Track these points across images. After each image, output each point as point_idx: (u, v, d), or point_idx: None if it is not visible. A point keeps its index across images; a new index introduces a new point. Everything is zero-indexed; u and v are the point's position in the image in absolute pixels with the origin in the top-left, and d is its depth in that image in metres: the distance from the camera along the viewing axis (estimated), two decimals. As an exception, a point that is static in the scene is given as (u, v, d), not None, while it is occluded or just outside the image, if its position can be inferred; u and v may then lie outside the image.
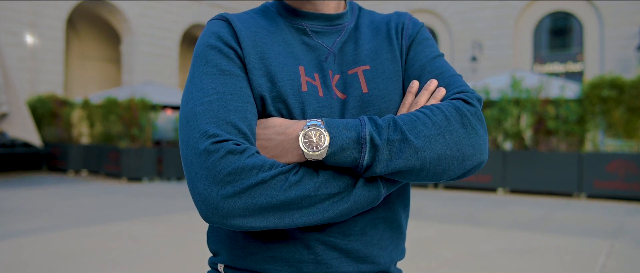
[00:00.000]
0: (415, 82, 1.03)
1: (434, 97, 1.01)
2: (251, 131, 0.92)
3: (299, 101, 0.97)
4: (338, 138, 0.87)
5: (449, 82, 1.02)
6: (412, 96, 1.03)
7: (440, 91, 1.01)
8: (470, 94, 0.98)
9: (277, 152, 0.92)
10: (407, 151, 0.88)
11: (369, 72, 1.03)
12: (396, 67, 1.05)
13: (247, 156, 0.87)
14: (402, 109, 1.02)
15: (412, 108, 1.01)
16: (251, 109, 0.94)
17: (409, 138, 0.88)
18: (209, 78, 0.95)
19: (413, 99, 1.02)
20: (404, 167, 0.89)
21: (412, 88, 1.03)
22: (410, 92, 1.03)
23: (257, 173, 0.86)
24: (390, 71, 1.04)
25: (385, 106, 1.01)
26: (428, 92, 1.01)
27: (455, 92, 0.99)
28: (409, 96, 1.03)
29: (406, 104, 1.02)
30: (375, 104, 1.00)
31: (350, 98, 1.01)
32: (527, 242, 5.81)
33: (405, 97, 1.03)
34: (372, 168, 0.88)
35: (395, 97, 1.02)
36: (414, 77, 1.05)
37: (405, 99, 1.03)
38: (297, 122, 0.93)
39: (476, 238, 6.03)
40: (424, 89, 1.02)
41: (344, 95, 1.01)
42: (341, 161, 0.87)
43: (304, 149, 0.87)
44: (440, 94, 1.00)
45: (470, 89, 1.00)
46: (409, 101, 1.02)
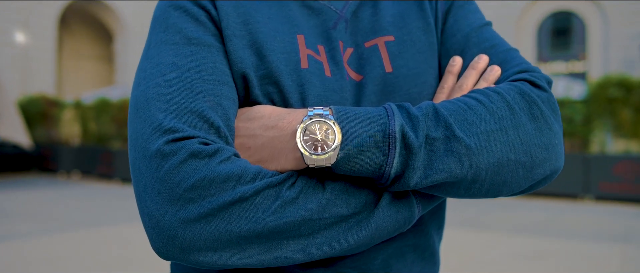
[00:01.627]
0: (458, 59, 0.74)
1: (485, 79, 0.72)
2: (227, 125, 0.63)
3: (296, 82, 0.68)
4: (354, 134, 0.58)
5: (505, 58, 0.74)
6: (453, 77, 0.74)
7: (493, 70, 0.72)
8: (537, 74, 0.70)
9: (264, 155, 0.63)
10: (455, 155, 0.60)
11: (393, 45, 0.74)
12: (430, 38, 0.76)
13: (219, 160, 0.58)
14: (439, 96, 0.74)
15: (454, 94, 0.72)
16: (228, 93, 0.66)
17: (458, 135, 0.60)
18: (169, 49, 0.67)
19: (455, 81, 0.74)
20: (451, 177, 0.60)
21: (453, 66, 0.74)
22: (451, 72, 0.74)
23: (235, 186, 0.57)
24: (422, 44, 0.75)
25: (416, 91, 0.72)
26: (476, 71, 0.73)
27: (516, 72, 0.71)
28: (449, 78, 0.74)
29: (445, 89, 0.73)
30: (402, 87, 0.72)
31: (369, 79, 0.72)
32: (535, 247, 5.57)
33: (443, 78, 0.75)
34: (404, 178, 0.59)
35: (429, 79, 0.74)
36: (456, 52, 0.76)
37: (444, 81, 0.74)
38: (294, 111, 0.64)
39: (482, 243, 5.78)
40: (470, 67, 0.73)
41: (360, 75, 0.73)
42: (358, 169, 0.59)
43: (304, 151, 0.58)
44: (493, 74, 0.72)
45: (536, 67, 0.72)
46: (449, 83, 0.74)
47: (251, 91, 0.68)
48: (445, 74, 0.75)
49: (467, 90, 0.73)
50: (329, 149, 0.59)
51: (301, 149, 0.59)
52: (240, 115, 0.68)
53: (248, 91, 0.69)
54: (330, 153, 0.59)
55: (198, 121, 0.62)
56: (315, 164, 0.60)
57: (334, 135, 0.59)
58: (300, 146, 0.59)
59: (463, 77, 0.74)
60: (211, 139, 0.62)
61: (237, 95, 0.68)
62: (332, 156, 0.59)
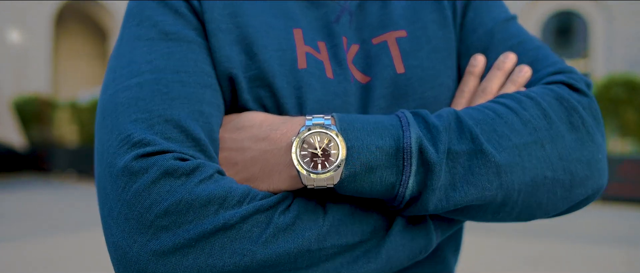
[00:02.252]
0: (480, 58, 0.64)
1: (513, 82, 0.62)
2: (210, 136, 0.53)
3: (293, 85, 0.58)
4: (361, 148, 0.48)
5: (536, 57, 0.63)
6: (475, 79, 0.64)
7: (522, 70, 0.62)
8: (575, 76, 0.59)
9: (254, 172, 0.53)
10: (482, 173, 0.50)
11: (405, 42, 0.64)
12: (447, 34, 0.66)
13: (198, 179, 0.48)
14: (459, 101, 0.63)
15: (476, 99, 0.62)
16: (211, 98, 0.55)
17: (487, 150, 0.50)
18: (143, 46, 0.56)
19: (477, 83, 0.64)
20: (477, 199, 0.50)
21: (475, 67, 0.64)
22: (472, 74, 0.64)
23: (218, 210, 0.47)
24: (438, 40, 0.65)
25: (431, 95, 0.62)
26: (503, 72, 0.62)
27: (550, 73, 0.60)
28: (470, 79, 0.64)
29: (466, 93, 0.63)
30: (416, 91, 0.62)
31: (377, 82, 0.62)
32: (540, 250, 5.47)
33: (463, 80, 0.64)
34: (421, 201, 0.49)
35: (446, 81, 0.64)
36: (477, 50, 0.66)
37: (464, 83, 0.64)
38: (289, 120, 0.54)
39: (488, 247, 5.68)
40: (495, 68, 0.63)
41: (367, 77, 0.62)
42: (367, 189, 0.49)
43: (301, 169, 0.48)
44: (523, 76, 0.62)
45: (572, 67, 0.61)
46: (470, 86, 0.63)
47: (239, 95, 0.58)
48: (465, 75, 0.65)
49: (492, 94, 0.62)
50: (331, 166, 0.49)
51: (297, 166, 0.49)
52: (226, 124, 0.58)
53: (235, 95, 0.58)
54: (333, 171, 0.49)
55: (174, 131, 0.52)
56: (315, 185, 0.50)
57: (337, 149, 0.49)
58: (296, 162, 0.49)
59: (487, 80, 0.63)
60: (190, 153, 0.51)
61: (223, 100, 0.58)
62: (335, 174, 0.49)
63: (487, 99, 0.62)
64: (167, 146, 0.50)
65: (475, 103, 0.62)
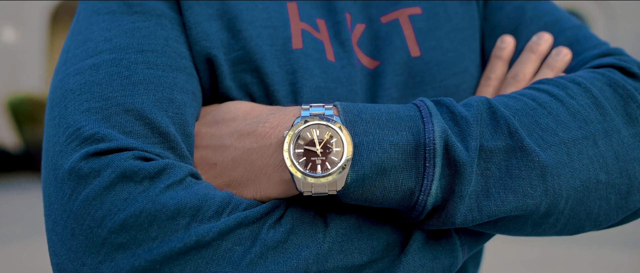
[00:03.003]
0: (509, 39, 0.54)
1: (549, 67, 0.52)
2: (182, 129, 0.43)
3: (286, 69, 0.48)
4: (372, 144, 0.38)
5: (576, 37, 0.53)
6: (503, 63, 0.53)
7: (560, 53, 0.52)
8: (627, 58, 0.49)
9: (236, 175, 0.43)
10: (524, 175, 0.40)
11: (420, 20, 0.53)
12: (469, 11, 0.55)
13: (165, 184, 0.38)
14: (484, 89, 0.53)
15: (507, 87, 0.52)
16: (185, 84, 0.45)
17: (529, 147, 0.39)
18: (102, 21, 0.46)
19: (505, 69, 0.53)
20: (516, 209, 0.40)
21: (503, 50, 0.54)
22: (500, 58, 0.53)
23: (189, 224, 0.37)
24: (459, 18, 0.55)
25: (453, 83, 0.52)
26: (537, 56, 0.52)
27: (597, 55, 0.50)
28: (497, 64, 0.53)
29: (493, 80, 0.53)
30: (435, 78, 0.51)
31: (388, 66, 0.51)
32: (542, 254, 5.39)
33: (489, 65, 0.54)
34: (447, 211, 0.39)
35: (469, 67, 0.53)
36: (505, 30, 0.55)
37: (491, 69, 0.54)
38: (281, 110, 0.44)
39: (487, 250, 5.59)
40: (528, 50, 0.53)
41: (375, 61, 0.52)
42: (378, 197, 0.40)
43: (296, 171, 0.38)
44: (562, 59, 0.51)
45: (619, 48, 0.51)
46: (498, 72, 0.53)
47: (220, 80, 0.47)
48: (491, 59, 0.55)
49: (525, 82, 0.52)
50: (333, 168, 0.38)
51: (291, 167, 0.39)
52: (203, 116, 0.47)
53: (215, 81, 0.48)
54: (336, 175, 0.38)
55: (136, 124, 0.41)
56: (313, 192, 0.39)
57: (341, 146, 0.39)
58: (289, 162, 0.39)
59: (518, 64, 0.53)
60: (155, 151, 0.41)
61: (200, 87, 0.48)
62: (339, 178, 0.38)
63: (520, 87, 0.52)
64: (126, 142, 0.40)
65: (505, 92, 0.52)
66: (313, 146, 0.39)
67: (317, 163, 0.39)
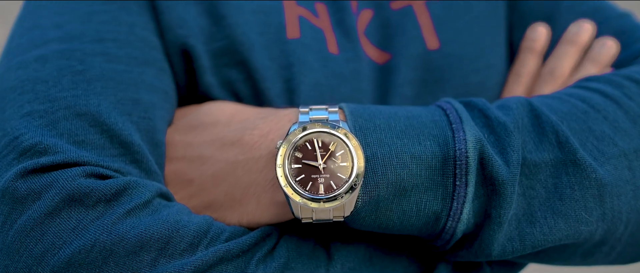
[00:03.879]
0: (541, 29, 0.45)
1: (593, 61, 0.43)
2: (150, 138, 0.34)
3: (279, 63, 0.39)
4: (389, 157, 0.31)
5: (622, 28, 0.45)
6: (535, 57, 0.45)
7: (605, 45, 0.44)
8: None
9: (218, 195, 0.34)
10: (578, 196, 0.32)
11: (438, 7, 0.45)
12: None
13: (126, 209, 0.29)
14: (514, 88, 0.45)
15: (543, 86, 0.44)
16: (154, 80, 0.37)
17: (583, 160, 0.31)
18: (52, 3, 0.38)
19: (539, 63, 0.45)
20: (568, 237, 0.31)
21: (535, 41, 0.46)
22: (532, 50, 0.45)
23: (156, 260, 0.28)
24: (482, 6, 0.46)
25: (477, 79, 0.44)
26: (577, 48, 0.44)
27: None
28: (529, 58, 0.45)
29: (524, 76, 0.45)
30: (456, 74, 0.43)
31: (401, 60, 0.43)
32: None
33: (519, 60, 0.46)
34: (481, 241, 0.32)
35: (495, 62, 0.45)
36: (537, 18, 0.47)
37: (521, 63, 0.46)
38: (273, 113, 0.35)
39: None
40: (565, 42, 0.45)
41: (386, 54, 0.44)
42: (395, 223, 0.32)
43: (293, 192, 0.29)
44: (606, 52, 0.44)
45: None
46: (530, 67, 0.45)
47: (199, 76, 0.39)
48: (521, 52, 0.46)
49: (563, 78, 0.44)
50: (340, 188, 0.30)
51: (286, 188, 0.30)
52: (177, 120, 0.39)
53: (193, 76, 0.39)
54: (343, 197, 0.30)
55: (90, 131, 0.33)
56: (314, 218, 0.31)
57: (350, 160, 0.30)
58: (284, 181, 0.30)
59: (555, 58, 0.45)
60: (114, 166, 0.32)
61: (174, 84, 0.39)
62: (348, 202, 0.30)
63: (559, 85, 0.43)
64: (76, 154, 0.31)
65: (540, 91, 0.44)
66: (314, 160, 0.31)
67: (320, 182, 0.31)
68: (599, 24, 0.45)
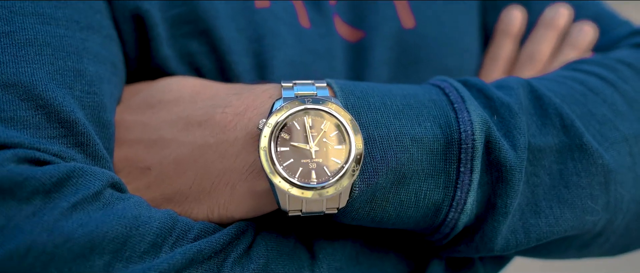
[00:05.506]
0: (517, 13, 0.43)
1: (572, 45, 0.42)
2: (96, 116, 0.28)
3: (247, 35, 0.34)
4: (387, 139, 0.27)
5: (598, 12, 0.44)
6: (512, 41, 0.43)
7: (582, 30, 0.42)
8: None
9: (182, 185, 0.28)
10: (584, 183, 0.29)
11: None
12: None
13: (70, 204, 0.23)
14: (491, 71, 0.42)
15: (522, 69, 0.41)
16: (101, 49, 0.30)
17: (589, 144, 0.29)
18: None
19: (515, 47, 0.43)
20: (572, 228, 0.29)
21: (510, 24, 0.43)
22: (508, 34, 0.43)
23: (110, 265, 0.22)
24: None
25: (454, 63, 0.41)
26: (555, 31, 0.42)
27: (631, 33, 0.41)
28: (505, 42, 0.43)
29: (501, 60, 0.43)
30: (434, 56, 0.40)
31: (375, 39, 0.39)
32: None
33: (494, 43, 0.44)
34: (483, 234, 0.29)
35: (471, 45, 0.43)
36: (511, 0, 0.45)
37: (497, 47, 0.44)
38: (248, 89, 0.30)
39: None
40: (543, 25, 0.43)
41: (359, 31, 0.40)
42: (391, 216, 0.29)
43: (280, 179, 0.25)
44: (584, 37, 0.42)
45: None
46: (506, 51, 0.43)
47: (154, 47, 0.33)
48: (497, 36, 0.44)
49: (543, 63, 0.42)
50: (335, 175, 0.26)
51: (272, 175, 0.25)
52: (129, 97, 0.33)
53: (147, 47, 0.33)
54: (340, 184, 0.26)
55: (22, 107, 0.26)
56: (304, 210, 0.27)
57: (346, 143, 0.26)
58: (269, 167, 0.25)
59: (533, 42, 0.43)
60: (53, 149, 0.26)
61: (122, 55, 0.33)
62: (343, 190, 0.26)
63: (539, 69, 0.41)
64: (4, 135, 0.25)
65: (521, 75, 0.42)
66: (304, 142, 0.26)
67: (311, 167, 0.26)
68: (575, 9, 0.43)
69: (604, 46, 0.41)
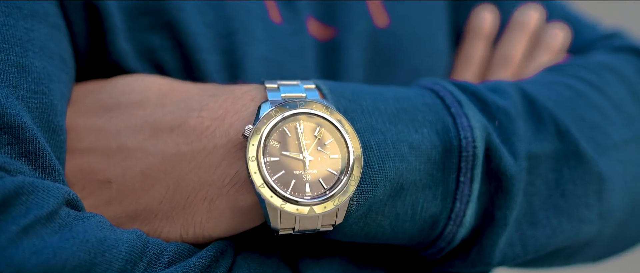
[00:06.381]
0: (487, 13, 0.42)
1: (545, 47, 0.41)
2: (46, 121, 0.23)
3: (217, 30, 0.31)
4: (385, 147, 0.24)
5: (567, 14, 0.44)
6: (483, 42, 0.42)
7: (554, 33, 0.41)
8: (634, 41, 0.40)
9: (150, 200, 0.24)
10: (580, 192, 0.28)
11: None
12: None
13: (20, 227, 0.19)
14: (464, 73, 0.41)
15: (496, 71, 0.40)
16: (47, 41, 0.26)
17: (584, 151, 0.27)
18: None
19: (486, 48, 0.42)
20: (569, 239, 0.27)
21: (481, 26, 0.42)
22: (479, 35, 0.42)
23: None
24: None
25: (427, 64, 0.39)
26: (526, 35, 0.41)
27: (604, 36, 0.41)
28: (476, 44, 0.42)
29: (474, 61, 0.42)
30: (408, 56, 0.38)
31: (348, 38, 0.36)
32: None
33: (466, 44, 0.43)
34: (481, 247, 0.27)
35: (442, 45, 0.41)
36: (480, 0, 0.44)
37: (470, 48, 0.42)
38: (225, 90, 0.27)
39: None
40: (515, 27, 0.42)
41: (331, 28, 0.37)
42: (386, 230, 0.26)
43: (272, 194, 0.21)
44: (555, 40, 0.41)
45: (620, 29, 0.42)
46: (479, 52, 0.42)
47: (110, 41, 0.28)
48: (468, 37, 0.43)
49: (516, 64, 0.41)
50: (333, 187, 0.23)
51: (262, 189, 0.22)
52: (81, 97, 0.28)
53: (101, 41, 0.29)
54: (336, 199, 0.23)
55: None
56: (297, 228, 0.24)
57: (345, 150, 0.23)
58: (260, 180, 0.22)
59: (506, 44, 0.42)
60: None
61: (72, 49, 0.28)
62: (340, 205, 0.23)
63: (513, 71, 0.40)
64: None
65: (496, 76, 0.40)
66: (297, 151, 0.23)
67: (305, 179, 0.23)
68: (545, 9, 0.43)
69: (578, 48, 0.41)
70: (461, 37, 0.43)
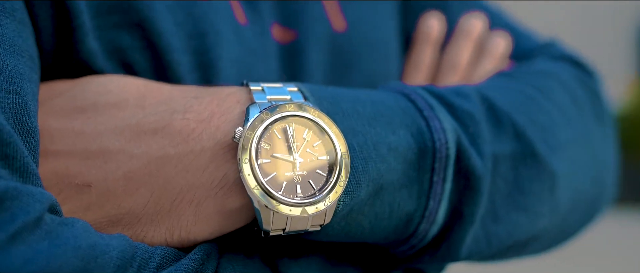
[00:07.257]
0: (434, 20, 0.44)
1: (489, 54, 0.44)
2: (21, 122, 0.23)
3: (187, 31, 0.31)
4: (367, 148, 0.25)
5: (505, 23, 0.47)
6: (431, 48, 0.44)
7: (495, 41, 0.44)
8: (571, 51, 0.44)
9: (134, 204, 0.24)
10: (536, 189, 0.31)
11: None
12: None
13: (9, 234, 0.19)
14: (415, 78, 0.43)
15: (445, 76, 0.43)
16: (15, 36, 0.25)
17: (540, 151, 0.30)
18: None
19: (434, 54, 0.44)
20: (526, 233, 0.30)
21: (429, 33, 0.44)
22: (428, 41, 0.44)
23: None
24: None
25: (382, 68, 0.41)
26: (471, 40, 0.44)
27: (542, 46, 0.45)
28: (425, 49, 0.44)
29: (423, 66, 0.44)
30: (364, 60, 0.40)
31: (308, 42, 0.37)
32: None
33: (415, 49, 0.45)
34: (449, 243, 0.29)
35: (396, 49, 0.43)
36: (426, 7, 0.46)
37: (418, 53, 0.44)
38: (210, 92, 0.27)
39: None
40: (461, 35, 0.45)
41: (290, 31, 0.37)
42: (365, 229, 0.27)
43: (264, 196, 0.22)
44: (497, 47, 0.44)
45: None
46: (427, 58, 0.44)
47: (78, 39, 0.27)
48: (417, 43, 0.44)
49: (462, 70, 0.43)
50: (324, 188, 0.23)
51: (256, 190, 0.22)
52: (51, 97, 0.27)
53: (69, 39, 0.27)
54: (326, 199, 0.23)
55: None
56: (288, 229, 0.24)
57: (332, 152, 0.24)
58: (254, 182, 0.22)
59: (453, 50, 0.44)
60: None
61: (36, 48, 0.27)
62: (330, 205, 0.24)
63: (460, 76, 0.42)
64: None
65: (444, 81, 0.42)
66: (287, 153, 0.23)
67: (296, 181, 0.23)
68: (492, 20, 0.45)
69: (519, 55, 0.44)
70: (410, 43, 0.45)
